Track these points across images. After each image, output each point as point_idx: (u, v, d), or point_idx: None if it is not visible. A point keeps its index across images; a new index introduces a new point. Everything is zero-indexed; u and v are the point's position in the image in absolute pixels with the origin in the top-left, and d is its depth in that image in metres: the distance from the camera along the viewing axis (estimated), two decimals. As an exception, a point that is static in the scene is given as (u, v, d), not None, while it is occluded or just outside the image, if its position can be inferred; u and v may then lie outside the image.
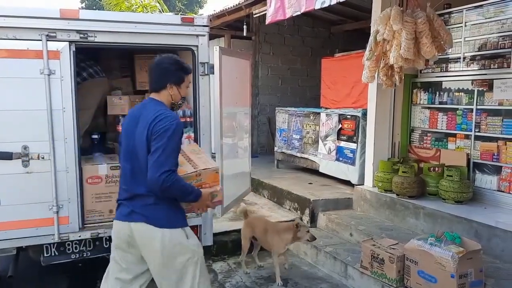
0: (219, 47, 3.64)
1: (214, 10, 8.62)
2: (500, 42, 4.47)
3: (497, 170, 4.54)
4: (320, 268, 4.46)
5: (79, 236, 3.44)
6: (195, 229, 3.77)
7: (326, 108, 6.89)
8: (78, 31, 3.26)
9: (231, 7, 7.67)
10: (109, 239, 3.60)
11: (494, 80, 4.51)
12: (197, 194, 2.53)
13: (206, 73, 3.68)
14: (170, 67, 2.63)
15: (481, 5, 4.67)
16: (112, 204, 3.60)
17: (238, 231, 4.98)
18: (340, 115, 6.18)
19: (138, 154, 2.49)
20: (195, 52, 3.65)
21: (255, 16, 7.28)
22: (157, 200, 2.47)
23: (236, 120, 4.59)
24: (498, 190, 4.53)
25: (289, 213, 5.72)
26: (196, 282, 2.55)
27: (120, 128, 4.03)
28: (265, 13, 6.78)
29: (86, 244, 3.55)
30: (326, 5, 3.79)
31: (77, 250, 3.53)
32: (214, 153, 3.81)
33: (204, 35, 3.67)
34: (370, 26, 4.54)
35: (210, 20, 8.27)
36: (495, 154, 4.53)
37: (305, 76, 9.96)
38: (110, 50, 4.30)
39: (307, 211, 5.43)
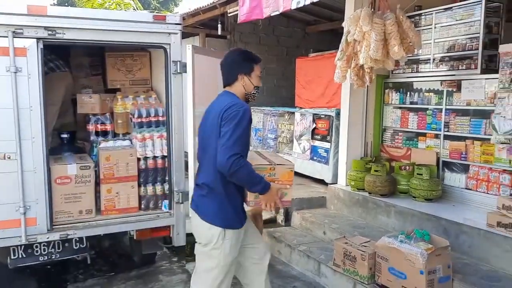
0: (192, 45, 3.60)
1: (189, 9, 8.56)
2: (468, 44, 4.59)
3: (465, 168, 4.66)
4: (293, 267, 4.48)
5: (47, 238, 3.35)
6: (167, 229, 3.74)
7: (300, 107, 6.93)
8: (46, 28, 3.17)
9: (205, 6, 7.64)
10: (79, 240, 3.55)
11: (462, 81, 4.63)
12: (265, 185, 2.50)
13: (178, 71, 3.65)
14: (238, 58, 2.72)
15: (451, 8, 4.79)
16: (82, 205, 3.55)
17: (212, 230, 4.97)
18: (314, 114, 6.23)
19: (207, 144, 2.59)
20: (168, 50, 3.62)
21: (229, 15, 7.26)
22: (210, 193, 2.57)
23: (210, 119, 4.56)
24: (466, 188, 4.65)
25: (264, 212, 5.72)
26: (217, 284, 2.62)
27: (90, 127, 3.98)
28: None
29: (54, 246, 3.47)
30: (301, 5, 3.81)
31: (46, 252, 3.44)
32: (187, 152, 3.78)
33: (176, 33, 3.64)
34: (343, 27, 4.61)
35: (184, 19, 8.23)
36: (463, 153, 4.65)
37: (281, 75, 9.99)
38: (80, 48, 4.21)
39: (281, 210, 5.45)
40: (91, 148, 3.98)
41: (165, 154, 3.81)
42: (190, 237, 4.51)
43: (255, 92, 2.76)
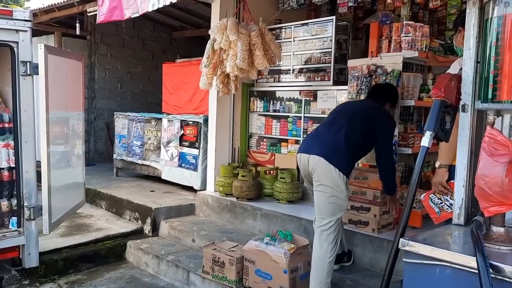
0: (44, 45, 3.26)
1: (43, 4, 7.77)
2: (322, 58, 5.02)
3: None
4: (162, 278, 4.35)
5: None
6: (16, 250, 3.31)
7: (168, 113, 6.81)
8: None
9: (61, 2, 7.01)
10: None
11: (317, 91, 5.04)
12: (396, 188, 3.65)
13: (28, 73, 3.26)
14: (395, 94, 3.77)
15: (307, 23, 5.19)
16: None
17: (70, 247, 4.61)
18: (182, 121, 6.18)
19: (356, 125, 3.31)
20: (15, 49, 3.20)
21: (89, 14, 6.78)
22: (344, 152, 3.20)
23: (67, 125, 4.18)
24: (322, 189, 5.05)
25: (129, 223, 5.47)
26: (339, 220, 3.26)
27: None
28: (101, 12, 6.38)
29: None
30: (156, 7, 3.73)
31: None
32: (39, 162, 3.41)
33: (25, 31, 3.25)
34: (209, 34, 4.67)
35: (36, 15, 7.46)
36: (320, 157, 5.05)
37: (147, 80, 9.72)
38: None
39: (148, 220, 5.26)
40: None
41: (13, 165, 3.37)
42: (44, 256, 4.11)
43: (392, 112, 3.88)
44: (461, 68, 1.97)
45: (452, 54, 4.76)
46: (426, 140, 1.84)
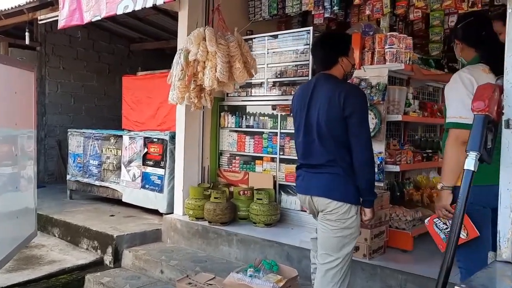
0: (-10, 51, 2.78)
1: (-15, 12, 7.07)
2: (299, 70, 4.76)
3: (300, 191, 4.76)
4: (128, 317, 3.84)
5: None
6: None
7: (129, 130, 6.29)
8: None
9: (9, 9, 6.36)
10: None
11: (294, 106, 4.75)
12: (375, 195, 2.74)
13: (-30, 83, 2.75)
14: (336, 42, 2.78)
15: (282, 34, 4.93)
16: None
17: (18, 285, 4.02)
18: (145, 138, 5.69)
19: (321, 128, 2.63)
20: (-48, 55, 2.69)
21: (40, 22, 6.19)
22: (333, 171, 2.65)
23: (16, 144, 3.63)
24: (301, 210, 4.74)
25: (87, 253, 4.89)
26: (348, 256, 2.70)
27: None
28: (54, 20, 5.83)
29: None
30: (129, 10, 3.27)
31: None
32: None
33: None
34: (171, 46, 4.27)
35: (-21, 22, 6.77)
36: (298, 176, 4.74)
37: (102, 95, 9.12)
38: None
39: (109, 249, 4.72)
40: None
41: (-51, 194, 2.82)
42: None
43: (353, 70, 3.16)
44: (500, 78, 1.71)
45: (430, 67, 4.65)
46: (471, 163, 1.55)
